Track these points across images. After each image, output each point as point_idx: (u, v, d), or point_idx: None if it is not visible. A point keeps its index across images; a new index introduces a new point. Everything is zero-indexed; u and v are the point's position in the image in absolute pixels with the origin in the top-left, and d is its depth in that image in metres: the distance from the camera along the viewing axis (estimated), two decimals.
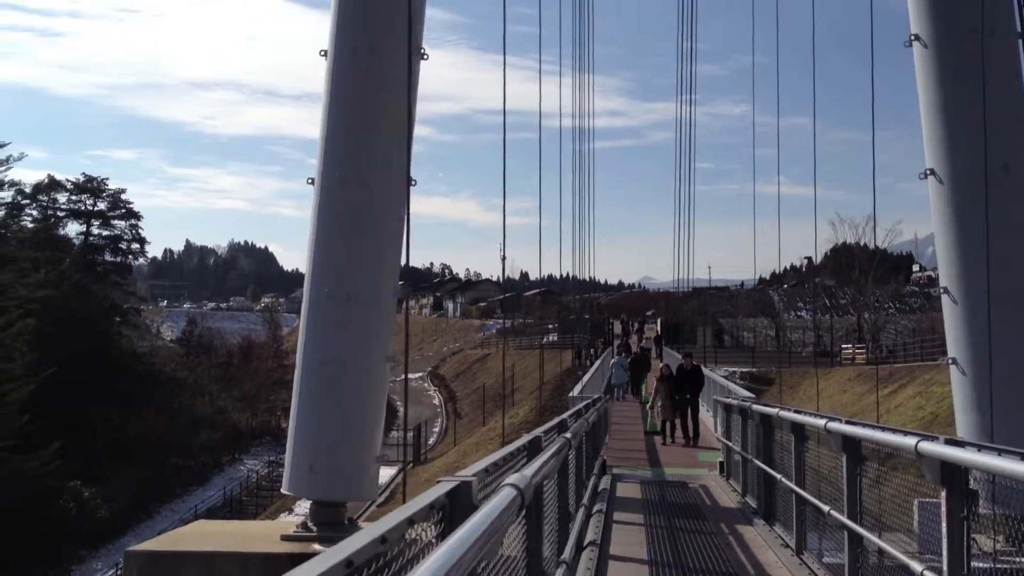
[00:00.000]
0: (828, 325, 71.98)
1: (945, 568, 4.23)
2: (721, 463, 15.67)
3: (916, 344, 55.44)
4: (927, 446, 4.30)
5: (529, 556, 4.21)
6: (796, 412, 8.94)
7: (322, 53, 14.15)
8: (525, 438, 5.26)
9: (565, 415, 9.99)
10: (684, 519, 11.07)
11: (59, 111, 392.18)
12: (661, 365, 23.61)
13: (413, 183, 14.83)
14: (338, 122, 14.05)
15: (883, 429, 5.86)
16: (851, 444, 6.42)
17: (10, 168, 50.46)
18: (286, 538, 13.69)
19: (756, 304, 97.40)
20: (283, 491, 14.97)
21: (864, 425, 6.39)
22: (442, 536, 2.69)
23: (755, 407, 11.12)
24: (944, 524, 4.27)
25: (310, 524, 14.10)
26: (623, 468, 16.59)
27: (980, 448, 3.94)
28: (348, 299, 13.75)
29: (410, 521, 2.50)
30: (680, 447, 20.53)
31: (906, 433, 5.06)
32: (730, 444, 14.38)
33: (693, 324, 73.24)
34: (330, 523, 14.13)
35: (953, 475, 4.21)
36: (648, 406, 23.44)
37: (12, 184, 52.55)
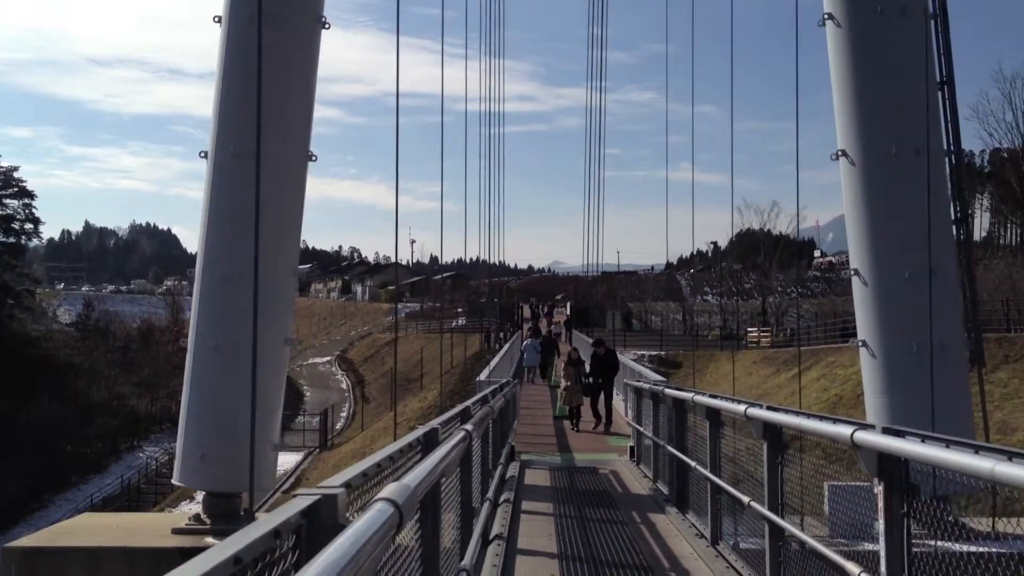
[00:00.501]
0: (734, 309, 73.01)
1: (883, 569, 3.86)
2: (632, 448, 15.36)
3: (819, 328, 56.54)
4: (864, 436, 3.92)
5: (424, 564, 3.72)
6: (712, 397, 8.60)
7: (216, 19, 13.35)
8: (420, 430, 4.73)
9: (470, 401, 9.48)
10: (595, 508, 10.68)
11: None
12: (569, 349, 23.32)
13: (312, 158, 14.15)
14: (232, 92, 13.26)
15: (808, 416, 5.50)
16: (772, 431, 6.06)
17: None
18: (177, 531, 12.94)
19: (664, 288, 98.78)
20: (174, 482, 14.20)
21: (787, 411, 6.03)
22: (296, 567, 2.11)
23: (668, 391, 10.79)
24: (882, 520, 3.91)
25: (203, 516, 13.38)
26: (532, 454, 16.19)
27: (923, 439, 3.58)
28: (242, 280, 12.99)
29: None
30: (590, 433, 20.19)
31: (836, 420, 4.70)
32: (641, 429, 14.08)
33: (602, 308, 73.62)
34: (224, 515, 13.43)
35: (892, 468, 3.85)
36: (559, 390, 23.12)
37: None
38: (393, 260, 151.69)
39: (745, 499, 6.79)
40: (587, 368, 21.57)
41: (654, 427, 12.51)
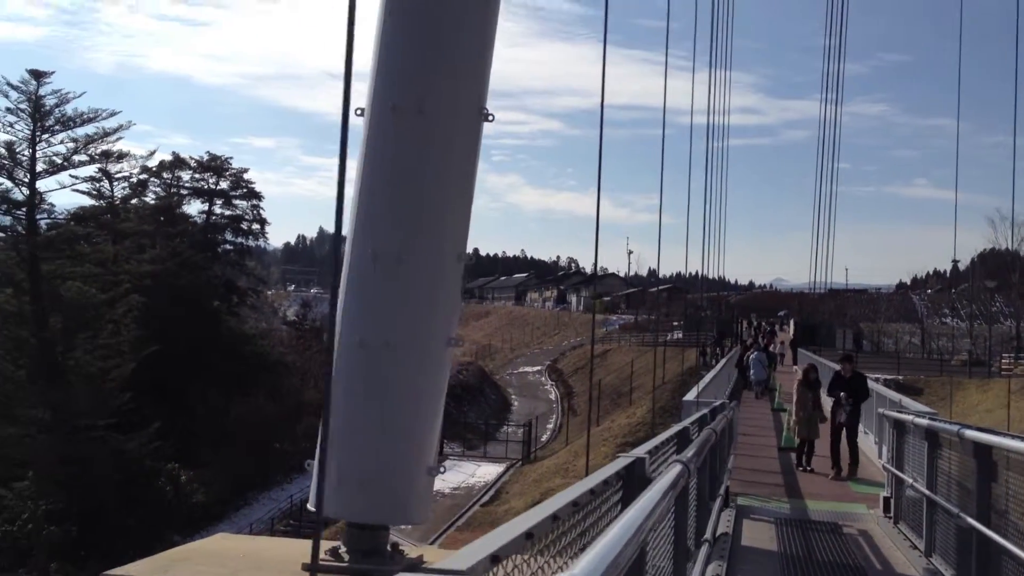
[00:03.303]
0: (982, 333, 66.03)
1: None
2: (886, 499, 11.87)
3: None
4: None
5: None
6: None
7: None
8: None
9: (674, 428, 6.62)
10: None
11: (203, 100, 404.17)
12: (806, 367, 19.01)
13: (489, 117, 11.59)
14: (395, 35, 10.89)
15: None
16: None
17: (120, 138, 49.62)
18: (308, 568, 10.66)
19: (897, 309, 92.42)
20: (309, 507, 11.94)
21: None
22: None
23: (967, 433, 7.42)
24: None
25: (342, 551, 11.04)
26: (751, 498, 12.91)
27: None
28: (399, 261, 10.46)
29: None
30: (825, 478, 16.01)
31: None
32: (904, 477, 10.57)
33: (830, 327, 68.47)
34: (367, 552, 11.03)
35: None
36: (787, 417, 19.32)
37: (121, 155, 51.73)
38: (609, 271, 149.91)
39: None
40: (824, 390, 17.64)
41: (928, 478, 9.11)
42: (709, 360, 50.25)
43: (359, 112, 11.49)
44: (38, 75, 43.49)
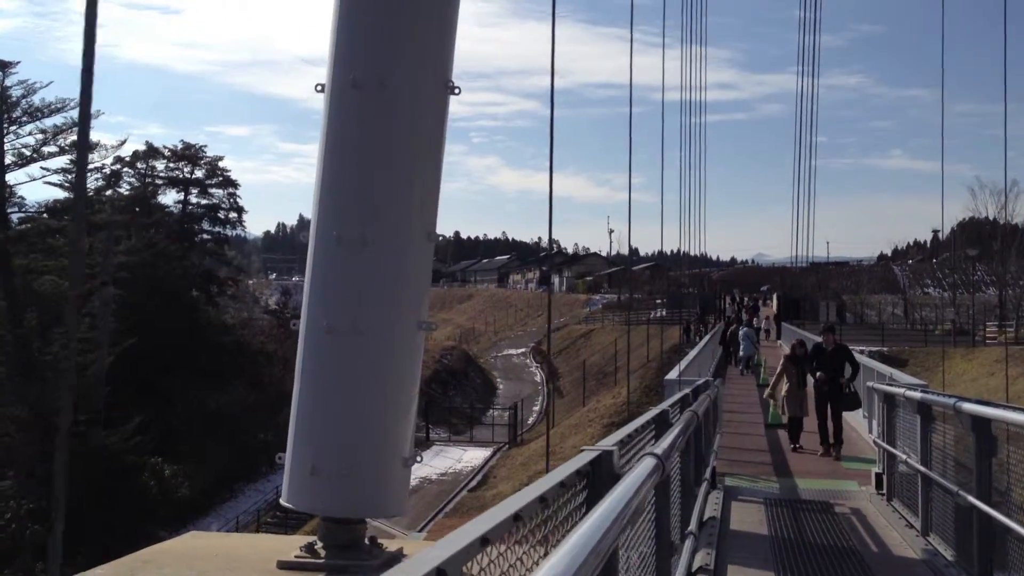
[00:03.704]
0: (964, 302, 66.07)
1: None
2: (878, 475, 11.49)
3: None
4: None
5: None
6: None
7: None
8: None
9: (651, 413, 6.20)
10: None
11: (177, 88, 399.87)
12: (794, 341, 18.04)
13: (455, 90, 11.07)
14: (354, 5, 10.36)
15: None
16: None
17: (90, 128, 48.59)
18: (284, 565, 10.19)
19: (879, 280, 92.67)
20: (282, 502, 11.49)
21: None
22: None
23: (964, 406, 7.00)
24: None
25: (318, 547, 10.57)
26: (739, 478, 12.49)
27: None
28: (364, 242, 9.98)
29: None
30: (814, 455, 15.29)
31: None
32: (897, 453, 10.18)
33: (813, 300, 68.38)
34: (343, 546, 10.56)
35: None
36: (768, 394, 18.66)
37: (92, 146, 50.74)
38: (592, 251, 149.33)
39: None
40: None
41: (922, 453, 8.73)
42: (693, 337, 49.98)
43: (319, 88, 10.95)
44: (3, 65, 42.59)
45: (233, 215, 73.24)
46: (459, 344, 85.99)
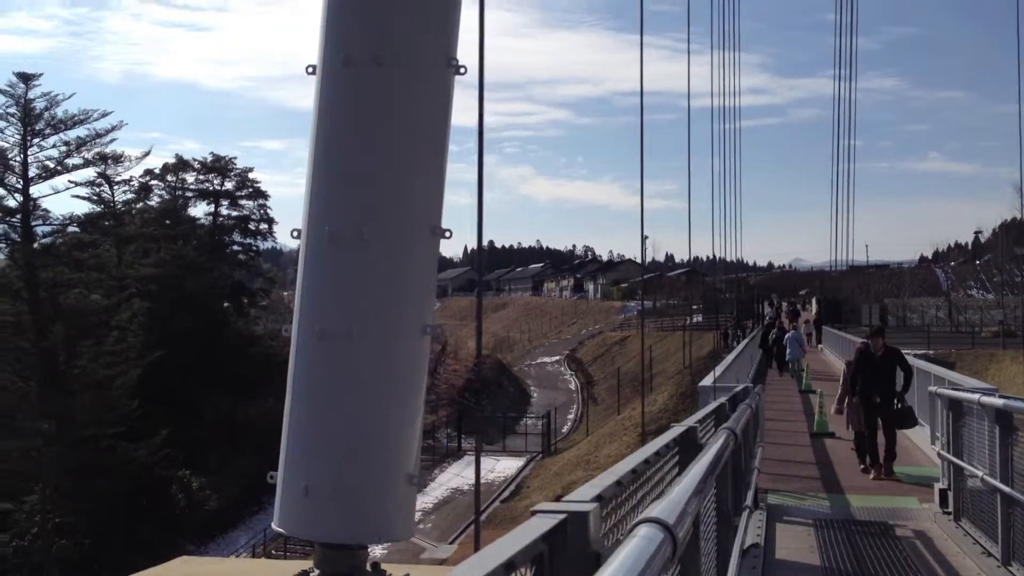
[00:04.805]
0: (1009, 303, 64.18)
1: None
2: (942, 491, 10.19)
3: None
4: None
5: None
6: None
7: None
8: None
9: (684, 425, 5.11)
10: None
11: (212, 104, 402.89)
12: (859, 344, 15.54)
13: (461, 69, 10.00)
14: None
15: None
16: None
17: (114, 139, 48.27)
18: None
19: (921, 283, 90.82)
20: (273, 526, 10.45)
21: None
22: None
23: None
24: None
25: (313, 575, 9.52)
26: (784, 496, 11.25)
27: None
28: (360, 238, 8.89)
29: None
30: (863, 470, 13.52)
31: None
32: (965, 466, 8.93)
33: (855, 303, 66.76)
34: (343, 573, 9.53)
35: None
36: (836, 408, 16.23)
37: (117, 157, 50.35)
38: (626, 258, 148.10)
39: None
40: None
41: (1001, 469, 7.53)
42: (731, 343, 48.69)
43: (310, 70, 9.86)
44: (26, 78, 42.23)
45: (264, 226, 72.95)
46: (493, 353, 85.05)
